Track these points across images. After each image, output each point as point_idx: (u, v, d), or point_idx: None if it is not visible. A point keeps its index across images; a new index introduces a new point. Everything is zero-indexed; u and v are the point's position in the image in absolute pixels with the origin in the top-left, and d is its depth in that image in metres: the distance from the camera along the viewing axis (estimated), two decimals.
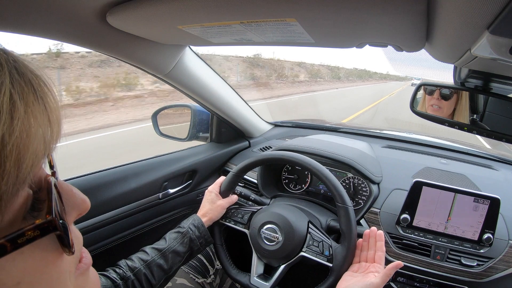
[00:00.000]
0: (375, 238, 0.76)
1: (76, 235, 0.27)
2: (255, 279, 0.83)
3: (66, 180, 0.80)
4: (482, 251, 0.81)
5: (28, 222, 0.21)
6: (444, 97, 0.76)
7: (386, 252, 0.89)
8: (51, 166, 0.27)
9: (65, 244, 0.23)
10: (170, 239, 0.77)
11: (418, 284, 0.88)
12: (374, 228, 0.78)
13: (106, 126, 6.36)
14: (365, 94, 18.12)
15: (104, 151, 4.63)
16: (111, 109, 7.87)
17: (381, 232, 0.76)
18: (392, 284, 0.91)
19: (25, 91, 0.21)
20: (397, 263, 0.68)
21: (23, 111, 0.20)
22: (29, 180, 0.22)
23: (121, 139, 5.40)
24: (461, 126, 0.72)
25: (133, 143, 5.04)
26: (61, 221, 0.23)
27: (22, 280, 0.21)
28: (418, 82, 0.86)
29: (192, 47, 0.94)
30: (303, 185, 1.12)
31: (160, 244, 0.76)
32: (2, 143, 0.19)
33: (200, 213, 0.85)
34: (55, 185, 0.25)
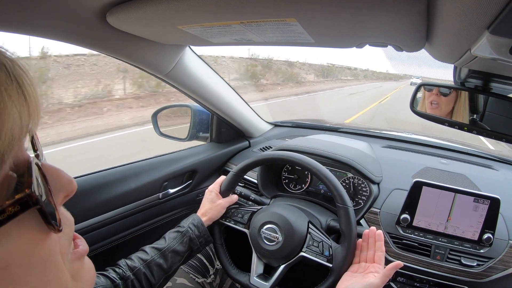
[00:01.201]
0: (374, 238, 0.76)
1: (66, 216, 0.28)
2: (255, 279, 0.83)
3: None
4: (482, 251, 0.81)
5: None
6: (443, 93, 0.76)
7: (386, 252, 0.89)
8: (35, 150, 0.27)
9: (49, 221, 0.23)
10: (169, 239, 0.77)
11: (418, 284, 0.88)
12: (373, 228, 0.78)
13: None
14: None
15: None
16: None
17: (380, 232, 0.76)
18: (392, 284, 0.91)
19: None
20: (397, 263, 0.68)
21: None
22: (9, 161, 0.22)
23: None
24: (461, 126, 0.72)
25: None
26: (42, 198, 0.23)
27: (11, 263, 0.21)
28: (417, 81, 0.86)
29: (192, 47, 0.94)
30: (303, 185, 1.12)
31: (160, 243, 0.76)
32: None
33: (199, 212, 0.85)
34: (38, 165, 0.25)
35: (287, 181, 1.14)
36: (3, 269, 0.21)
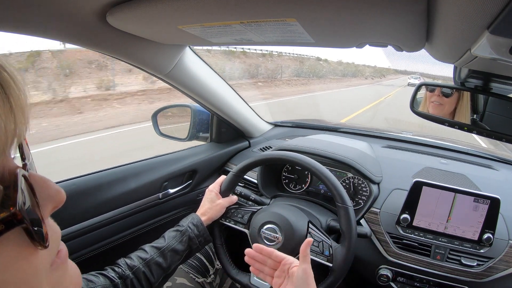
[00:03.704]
0: (259, 252, 0.70)
1: (53, 228, 0.26)
2: (255, 279, 0.83)
3: (65, 181, 0.80)
4: (482, 251, 0.81)
5: None
6: (445, 95, 0.76)
7: (386, 252, 0.89)
8: (23, 158, 0.26)
9: (35, 238, 0.22)
10: (169, 238, 0.77)
11: (418, 284, 0.88)
12: (248, 249, 0.72)
13: None
14: None
15: None
16: None
17: (255, 245, 0.71)
18: (392, 284, 0.91)
19: None
20: (307, 241, 0.63)
21: None
22: None
23: None
24: (461, 126, 0.72)
25: None
26: (27, 211, 0.22)
27: None
28: (416, 81, 0.85)
29: (192, 47, 0.94)
30: (303, 185, 1.12)
31: (159, 242, 0.76)
32: None
33: (199, 212, 0.85)
34: (25, 176, 0.23)
35: (287, 181, 1.14)
36: None
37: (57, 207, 0.26)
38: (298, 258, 0.65)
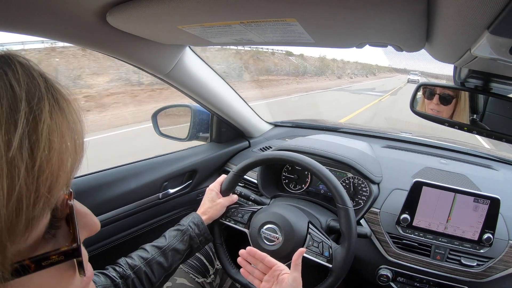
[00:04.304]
0: (252, 256, 0.72)
1: (84, 253, 0.29)
2: None
3: None
4: (482, 251, 0.81)
5: (46, 241, 0.23)
6: (443, 102, 0.76)
7: (386, 252, 0.89)
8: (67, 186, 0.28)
9: (83, 269, 0.25)
10: (170, 237, 0.77)
11: (418, 284, 0.88)
12: (242, 250, 0.74)
13: None
14: None
15: None
16: None
17: (249, 248, 0.73)
18: (392, 284, 0.91)
19: (60, 120, 0.22)
20: (299, 251, 0.67)
21: (58, 141, 0.21)
22: (55, 203, 0.23)
23: None
24: (461, 126, 0.72)
25: None
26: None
27: None
28: (416, 78, 0.85)
29: (192, 47, 0.94)
30: (303, 185, 1.12)
31: (160, 242, 0.76)
32: (40, 170, 0.20)
33: (200, 211, 0.86)
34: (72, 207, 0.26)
35: (287, 181, 1.14)
36: None
37: (90, 235, 0.29)
38: (290, 265, 0.67)
